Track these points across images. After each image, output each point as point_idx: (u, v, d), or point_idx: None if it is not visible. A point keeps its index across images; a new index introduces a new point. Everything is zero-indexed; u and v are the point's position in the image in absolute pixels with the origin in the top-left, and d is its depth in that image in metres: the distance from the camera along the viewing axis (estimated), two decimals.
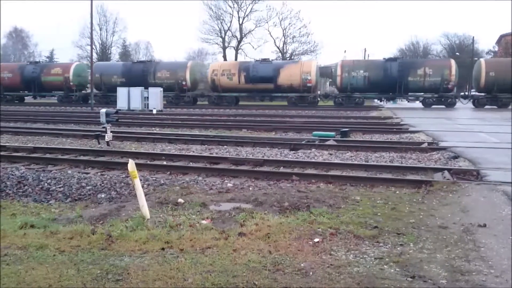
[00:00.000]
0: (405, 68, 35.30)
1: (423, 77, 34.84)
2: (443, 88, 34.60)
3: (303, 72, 36.71)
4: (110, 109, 14.83)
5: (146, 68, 40.95)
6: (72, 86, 42.40)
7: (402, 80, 34.89)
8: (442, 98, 35.05)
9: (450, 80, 34.55)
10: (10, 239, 4.93)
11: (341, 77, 36.34)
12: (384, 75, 35.50)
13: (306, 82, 36.48)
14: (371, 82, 35.82)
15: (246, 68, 38.30)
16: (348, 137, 15.22)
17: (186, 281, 3.78)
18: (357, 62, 38.15)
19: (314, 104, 37.10)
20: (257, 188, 7.74)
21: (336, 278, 3.85)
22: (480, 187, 7.44)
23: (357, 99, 36.59)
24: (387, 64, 36.05)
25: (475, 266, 4.13)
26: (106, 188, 8.17)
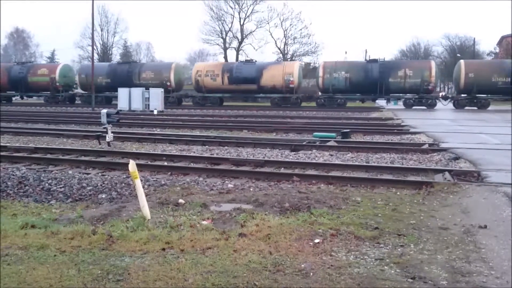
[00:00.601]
0: (386, 70, 35.71)
1: (404, 78, 35.28)
2: (423, 89, 35.00)
3: (286, 73, 37.16)
4: (111, 110, 14.85)
5: (131, 69, 41.40)
6: (58, 86, 42.91)
7: (383, 81, 35.28)
8: (423, 99, 35.36)
9: (430, 81, 34.96)
10: (11, 239, 4.94)
11: (323, 78, 36.76)
12: (365, 76, 35.94)
13: (288, 83, 36.89)
14: (352, 83, 36.23)
15: (230, 69, 38.68)
16: (349, 138, 15.22)
17: (187, 281, 3.78)
18: (339, 63, 38.62)
19: (297, 105, 37.41)
20: (257, 189, 7.74)
21: (336, 279, 3.85)
22: (481, 188, 7.44)
23: (339, 100, 36.84)
24: (368, 65, 36.52)
25: (475, 267, 4.12)
26: (107, 189, 8.17)
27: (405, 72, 35.30)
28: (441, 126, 19.32)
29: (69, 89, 44.54)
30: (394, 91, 36.21)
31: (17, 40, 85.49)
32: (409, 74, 35.23)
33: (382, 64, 36.31)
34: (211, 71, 39.07)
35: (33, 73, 43.78)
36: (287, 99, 37.43)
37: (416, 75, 35.14)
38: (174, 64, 42.14)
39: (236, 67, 38.74)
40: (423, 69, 35.36)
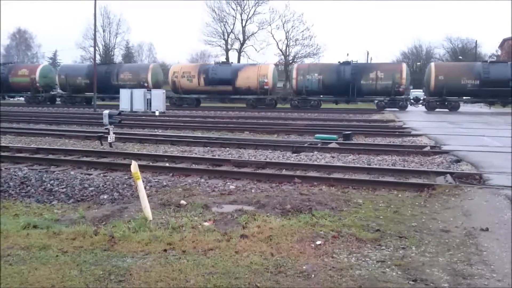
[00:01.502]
0: (358, 72, 36.03)
1: (375, 80, 35.59)
2: (394, 91, 35.30)
3: (260, 75, 37.52)
4: (113, 111, 14.88)
5: (109, 70, 41.77)
6: (38, 87, 43.37)
7: (355, 83, 35.59)
8: (394, 101, 35.71)
9: (401, 83, 35.30)
10: (13, 239, 4.95)
11: (296, 80, 37.14)
12: (337, 78, 36.27)
13: (263, 84, 37.28)
14: (325, 85, 36.58)
15: (206, 70, 39.09)
16: (350, 140, 15.22)
17: (188, 282, 3.79)
18: (312, 66, 39.28)
19: (272, 106, 37.75)
20: (259, 191, 7.75)
21: (338, 280, 3.86)
22: (482, 191, 7.43)
23: (312, 101, 37.16)
24: (341, 67, 36.79)
25: (477, 270, 4.12)
26: (108, 189, 8.19)
27: (377, 74, 35.69)
28: (442, 129, 19.31)
29: (50, 89, 45.16)
30: (366, 93, 36.58)
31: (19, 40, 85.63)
32: (381, 76, 35.62)
33: (354, 66, 36.71)
34: (187, 72, 39.56)
35: (14, 73, 44.28)
36: (261, 101, 37.92)
37: (388, 77, 35.52)
38: (151, 65, 42.61)
39: (212, 68, 39.20)
40: (394, 72, 35.77)
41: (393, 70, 36.10)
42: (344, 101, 37.85)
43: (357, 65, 37.25)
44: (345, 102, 38.22)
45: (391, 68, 36.66)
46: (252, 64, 42.67)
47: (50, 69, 46.22)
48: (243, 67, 39.88)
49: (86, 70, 42.36)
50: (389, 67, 37.42)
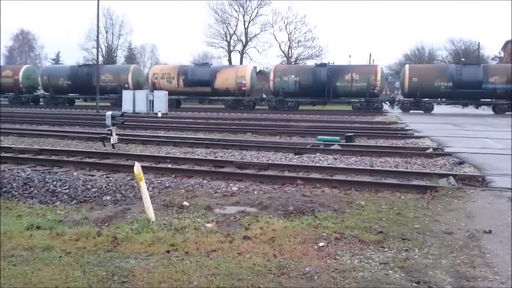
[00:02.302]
0: (334, 74, 36.33)
1: (350, 82, 35.89)
2: (369, 93, 35.56)
3: (238, 76, 37.95)
4: (115, 112, 14.91)
5: (91, 71, 41.99)
6: (21, 88, 43.86)
7: (331, 85, 35.90)
8: (369, 103, 35.98)
9: (376, 85, 35.54)
10: (17, 240, 4.96)
11: (274, 81, 37.53)
12: (313, 80, 36.61)
13: (241, 85, 37.72)
14: (301, 86, 36.92)
15: (185, 71, 39.58)
16: (353, 142, 15.20)
17: (191, 284, 3.80)
18: (289, 67, 40.17)
19: (250, 107, 38.17)
20: (262, 192, 7.75)
21: (341, 282, 3.85)
22: (485, 193, 7.42)
23: (290, 103, 37.56)
24: (317, 69, 37.24)
25: (480, 272, 4.12)
26: (111, 191, 8.20)
27: (352, 76, 36.01)
28: (445, 130, 19.29)
29: (33, 90, 45.63)
30: (341, 95, 36.93)
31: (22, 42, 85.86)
32: (356, 78, 35.91)
33: (330, 68, 37.05)
34: (167, 73, 40.09)
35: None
36: (240, 102, 38.35)
37: (362, 79, 35.78)
38: (132, 67, 43.11)
39: (191, 70, 39.72)
40: (369, 73, 36.01)
41: (368, 72, 36.43)
42: (320, 102, 38.41)
43: (332, 67, 37.67)
44: (322, 104, 38.77)
45: (366, 70, 36.99)
46: (231, 66, 43.44)
47: (33, 70, 46.73)
48: (221, 68, 40.44)
49: (68, 72, 43.03)
50: (364, 69, 37.82)
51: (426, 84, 34.39)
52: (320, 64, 38.24)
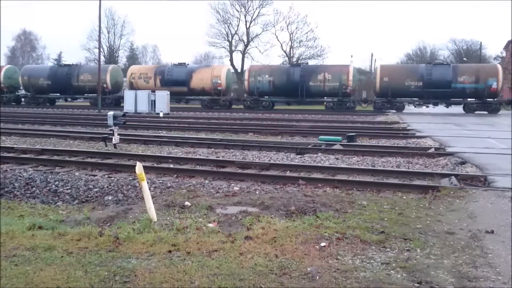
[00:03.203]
0: (307, 73, 36.92)
1: (323, 82, 36.44)
2: (341, 93, 36.02)
3: (214, 76, 38.62)
4: (117, 112, 14.92)
5: (70, 71, 42.84)
6: (3, 88, 44.45)
7: (304, 85, 36.44)
8: (342, 102, 36.48)
9: (348, 85, 36.02)
10: (19, 240, 4.97)
11: (248, 81, 38.24)
12: (287, 80, 37.18)
13: (216, 85, 38.34)
14: (275, 86, 37.54)
15: (162, 71, 40.41)
16: (354, 142, 15.19)
17: (193, 284, 3.80)
18: (263, 67, 40.49)
19: (225, 107, 38.71)
20: (263, 192, 7.75)
21: (342, 282, 3.85)
22: (487, 193, 7.41)
23: (264, 102, 38.09)
24: (291, 69, 37.97)
25: (482, 272, 4.11)
26: (113, 191, 8.22)
27: (324, 76, 36.54)
28: (447, 130, 19.26)
29: (14, 90, 46.14)
30: (315, 94, 37.43)
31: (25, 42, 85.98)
32: (328, 78, 36.42)
33: (303, 68, 37.59)
34: (144, 73, 40.80)
35: None
36: (216, 101, 38.94)
37: (335, 79, 36.23)
38: (110, 67, 43.62)
39: (168, 70, 40.34)
40: (341, 73, 36.44)
41: (340, 71, 36.87)
42: (295, 102, 38.98)
43: (306, 67, 38.36)
44: (296, 103, 39.33)
45: (338, 70, 37.41)
46: (206, 66, 43.82)
47: (14, 70, 47.25)
48: (197, 68, 41.08)
49: (48, 72, 43.66)
50: (336, 69, 38.25)
51: (396, 83, 34.91)
52: (294, 64, 39.29)
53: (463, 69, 35.96)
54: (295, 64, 39.13)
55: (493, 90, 34.00)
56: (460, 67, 36.75)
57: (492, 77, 34.05)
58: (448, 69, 35.30)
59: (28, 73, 43.62)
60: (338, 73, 36.55)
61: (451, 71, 34.86)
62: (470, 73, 34.79)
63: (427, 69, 35.50)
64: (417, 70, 36.17)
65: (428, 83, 34.50)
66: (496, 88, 34.10)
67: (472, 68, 37.09)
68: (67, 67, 44.11)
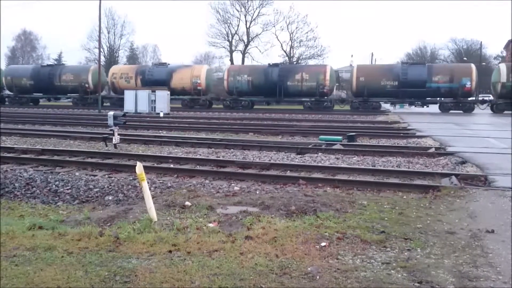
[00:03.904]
0: (285, 73, 37.53)
1: (301, 81, 37.00)
2: (319, 92, 36.55)
3: (193, 76, 39.32)
4: (117, 112, 14.93)
5: (52, 71, 43.45)
6: None
7: (282, 85, 37.03)
8: (319, 102, 36.94)
9: (325, 85, 36.54)
10: (19, 240, 4.97)
11: (227, 81, 38.89)
12: (265, 80, 37.82)
13: (196, 85, 38.98)
14: (254, 86, 38.15)
15: (142, 71, 41.09)
16: (355, 142, 15.19)
17: (193, 283, 3.79)
18: (242, 67, 42.17)
19: (205, 106, 39.34)
20: (264, 192, 7.75)
21: (343, 282, 3.85)
22: (488, 192, 7.41)
23: (243, 102, 38.59)
24: (269, 69, 38.51)
25: (483, 272, 4.10)
26: (113, 191, 8.21)
27: (302, 76, 37.11)
28: (447, 130, 19.25)
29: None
30: (293, 94, 37.87)
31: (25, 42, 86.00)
32: (306, 78, 36.98)
33: (282, 68, 38.33)
34: (125, 73, 41.46)
35: None
36: (196, 101, 39.53)
37: (312, 78, 36.82)
38: (92, 67, 44.05)
39: (148, 70, 40.96)
40: (318, 73, 37.04)
41: (317, 71, 37.47)
42: (274, 101, 39.56)
43: (284, 67, 39.02)
44: (276, 103, 39.92)
45: (316, 70, 38.03)
46: (187, 66, 44.37)
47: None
48: (178, 68, 41.58)
49: (31, 72, 44.17)
50: (313, 69, 38.86)
51: (372, 83, 35.31)
52: (272, 64, 39.55)
53: (438, 69, 36.47)
54: (274, 64, 39.60)
55: (467, 89, 34.48)
56: (435, 67, 37.32)
57: (466, 77, 34.51)
58: (423, 68, 35.74)
59: (11, 74, 44.33)
60: (315, 73, 37.18)
61: (426, 71, 35.30)
62: (444, 73, 35.28)
63: (403, 69, 35.96)
64: (392, 70, 36.57)
65: (403, 82, 34.94)
66: (470, 88, 34.55)
67: (447, 67, 37.89)
68: (49, 67, 44.91)
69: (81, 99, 42.51)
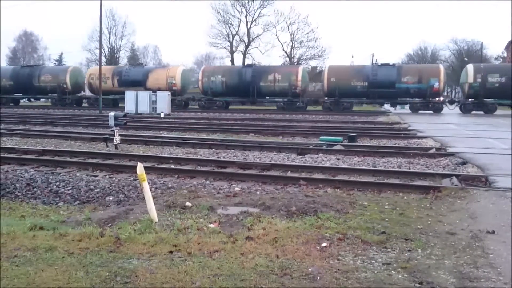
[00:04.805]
0: (258, 74, 37.99)
1: (273, 82, 37.47)
2: (291, 93, 36.95)
3: (169, 76, 39.89)
4: (118, 112, 14.93)
5: (32, 72, 43.97)
6: None
7: (255, 85, 37.51)
8: (292, 102, 37.27)
9: (297, 85, 36.94)
10: (20, 240, 4.97)
11: (202, 81, 39.34)
12: (239, 80, 38.28)
13: (171, 85, 39.37)
14: (228, 86, 38.60)
15: (119, 72, 41.57)
16: (355, 142, 15.19)
17: (194, 284, 3.80)
18: (216, 68, 42.50)
19: (181, 106, 39.80)
20: (264, 192, 7.75)
21: (343, 283, 3.85)
22: (488, 193, 7.40)
23: (218, 102, 39.01)
24: (243, 70, 39.21)
25: (483, 272, 4.10)
26: (114, 191, 8.21)
27: (275, 77, 37.55)
28: (448, 131, 19.24)
29: None
30: (266, 94, 38.43)
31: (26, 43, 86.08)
32: (278, 79, 37.45)
33: (255, 69, 38.88)
34: (102, 74, 41.17)
35: None
36: (172, 101, 39.45)
37: (284, 79, 37.33)
38: (70, 68, 44.98)
39: (125, 70, 41.39)
40: (291, 74, 37.52)
41: (290, 72, 37.99)
42: (248, 102, 39.93)
43: (257, 68, 39.43)
44: (251, 103, 40.19)
45: (288, 71, 38.63)
46: (162, 67, 45.02)
47: None
48: (153, 69, 42.32)
49: (11, 72, 44.76)
50: (286, 69, 39.43)
51: (343, 84, 35.68)
52: (246, 65, 40.46)
53: (407, 70, 36.81)
54: (247, 65, 40.45)
55: (435, 90, 34.77)
56: (404, 68, 37.68)
57: (434, 77, 34.83)
58: (393, 69, 36.05)
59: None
60: (288, 73, 37.68)
61: (395, 72, 35.59)
62: (413, 74, 35.61)
63: (373, 70, 36.26)
64: (362, 71, 36.84)
65: (373, 83, 35.28)
66: (438, 88, 34.84)
67: (415, 68, 38.18)
68: (29, 68, 45.33)
69: (59, 99, 43.13)
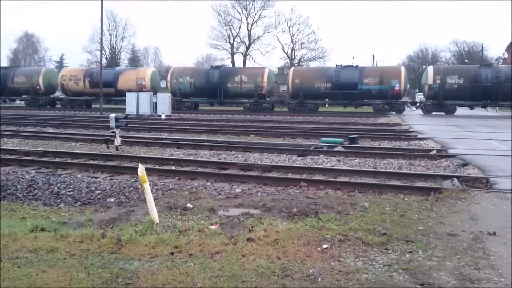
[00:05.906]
0: (225, 76, 38.56)
1: (240, 83, 37.95)
2: (257, 94, 37.43)
3: (139, 78, 40.59)
4: (119, 114, 14.94)
5: (6, 73, 44.58)
6: None
7: (222, 86, 38.00)
8: (258, 103, 37.79)
9: (263, 87, 37.44)
10: (21, 242, 4.98)
11: (171, 83, 39.85)
12: (206, 82, 38.76)
13: (141, 87, 39.82)
14: (196, 87, 39.17)
15: (91, 73, 42.08)
16: (356, 144, 15.19)
17: (195, 285, 3.80)
18: (184, 69, 42.52)
19: None
20: (265, 194, 7.75)
21: (345, 284, 3.85)
22: (489, 195, 7.40)
23: (187, 103, 39.47)
24: (210, 71, 39.63)
25: (484, 274, 4.11)
26: (115, 193, 8.22)
27: (241, 78, 38.02)
28: (449, 132, 19.23)
29: None
30: (233, 96, 38.73)
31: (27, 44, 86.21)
32: (245, 80, 37.90)
33: (222, 71, 39.34)
34: (74, 75, 42.46)
35: None
36: None
37: (251, 81, 37.72)
38: (43, 70, 45.66)
39: (96, 72, 41.27)
40: (257, 76, 37.96)
41: (256, 74, 38.42)
42: (216, 103, 40.41)
43: (224, 69, 40.20)
44: (219, 104, 40.70)
45: (254, 73, 39.03)
46: (132, 68, 45.30)
47: None
48: (124, 70, 42.97)
49: None
50: (252, 71, 39.81)
51: (307, 85, 35.98)
52: (214, 66, 40.89)
53: (369, 71, 37.05)
54: (215, 66, 40.99)
55: (396, 91, 35.05)
56: (366, 69, 37.79)
57: (395, 79, 35.06)
58: (355, 71, 36.24)
59: None
60: (254, 75, 38.10)
61: (357, 73, 35.77)
62: (375, 75, 35.85)
63: (336, 71, 36.44)
64: (326, 73, 37.19)
65: (336, 84, 35.52)
66: (399, 90, 35.08)
67: (377, 70, 38.55)
68: (3, 69, 45.82)
69: (33, 100, 43.54)
